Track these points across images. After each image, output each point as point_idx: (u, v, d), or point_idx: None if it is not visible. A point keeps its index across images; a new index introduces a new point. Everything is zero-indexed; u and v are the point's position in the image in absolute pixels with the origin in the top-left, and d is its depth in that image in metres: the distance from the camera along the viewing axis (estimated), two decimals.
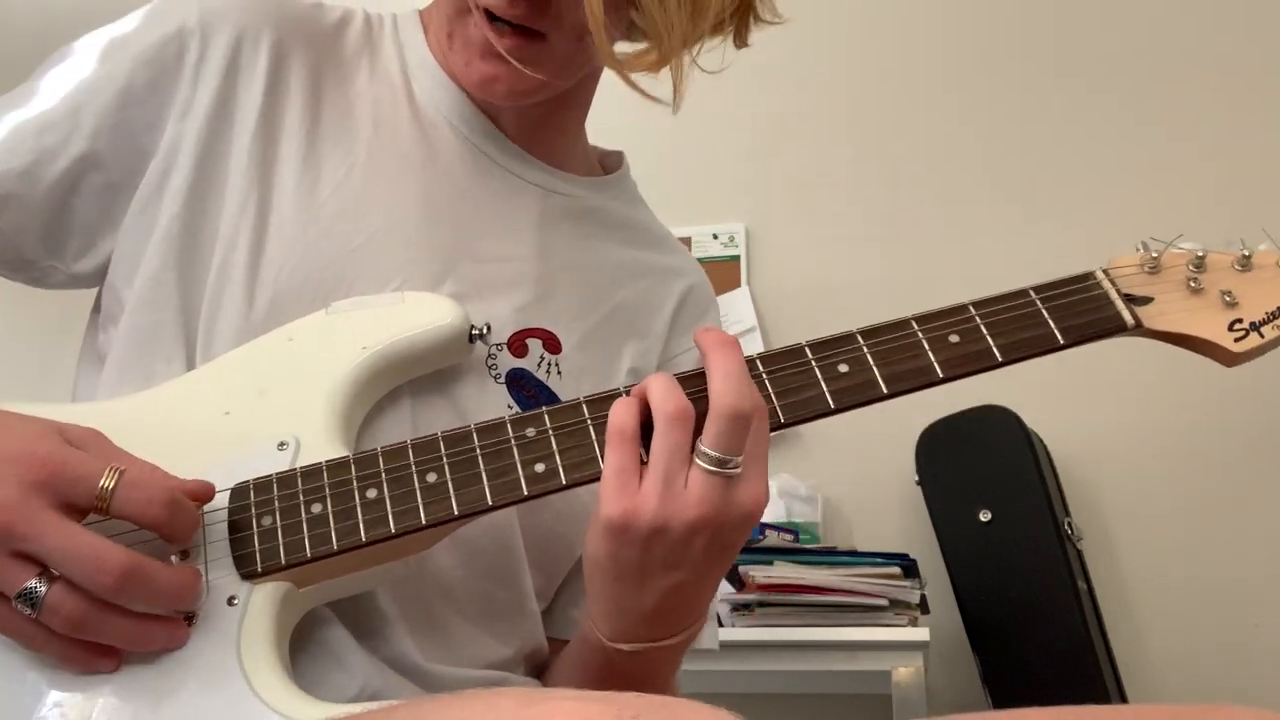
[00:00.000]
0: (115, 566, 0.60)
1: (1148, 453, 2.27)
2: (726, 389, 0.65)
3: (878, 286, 2.41)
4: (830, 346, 0.70)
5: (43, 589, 0.60)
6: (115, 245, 0.80)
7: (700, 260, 2.74)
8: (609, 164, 0.98)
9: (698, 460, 0.65)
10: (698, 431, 0.66)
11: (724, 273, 2.54)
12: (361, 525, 0.67)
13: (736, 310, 2.52)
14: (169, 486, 0.64)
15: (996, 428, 2.13)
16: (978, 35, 2.55)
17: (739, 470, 0.65)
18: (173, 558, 0.66)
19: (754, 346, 2.47)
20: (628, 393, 0.69)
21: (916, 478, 2.20)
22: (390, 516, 0.67)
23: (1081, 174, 2.42)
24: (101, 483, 0.61)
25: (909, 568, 1.98)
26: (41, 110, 0.79)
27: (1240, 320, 0.72)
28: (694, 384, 0.68)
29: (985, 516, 2.06)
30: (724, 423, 0.64)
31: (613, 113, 1.02)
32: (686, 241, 2.55)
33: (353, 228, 0.80)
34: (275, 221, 0.79)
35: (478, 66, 0.79)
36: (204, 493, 0.67)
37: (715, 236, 2.58)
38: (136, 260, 0.78)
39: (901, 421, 2.19)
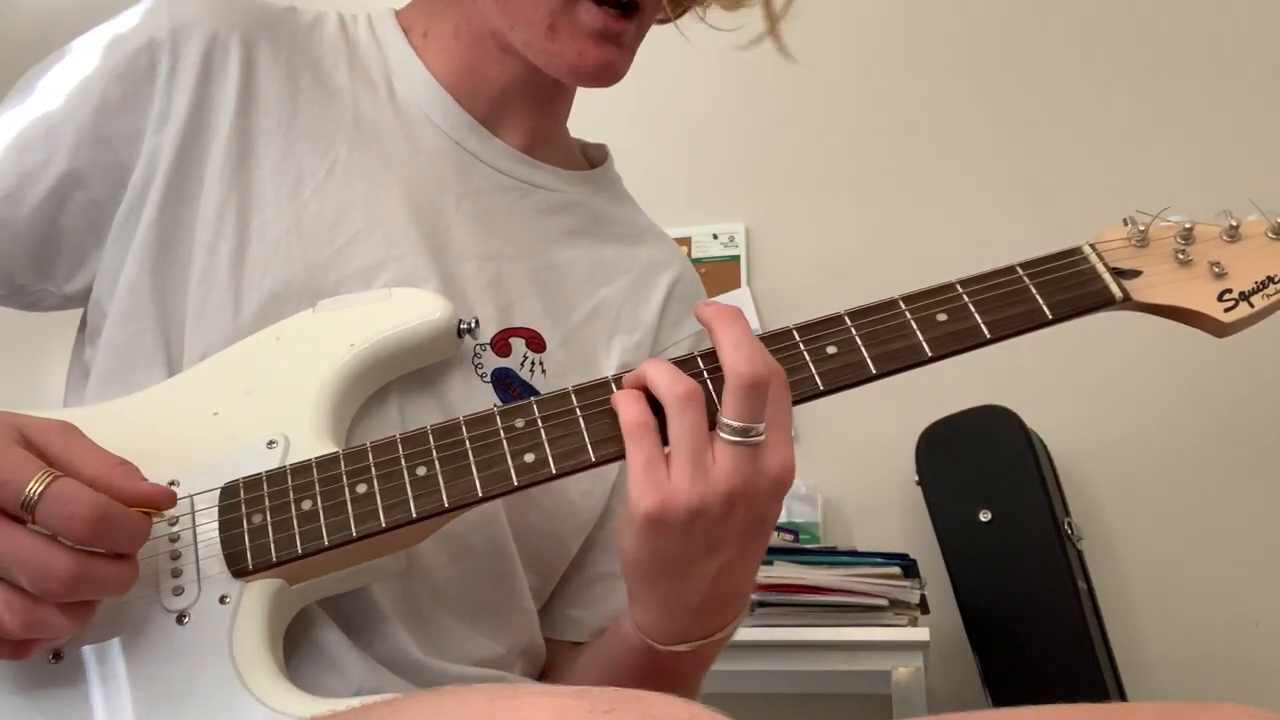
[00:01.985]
0: (63, 571, 0.58)
1: (1148, 452, 2.26)
2: (739, 357, 0.65)
3: (879, 285, 2.39)
4: (818, 329, 0.70)
5: None
6: (100, 260, 0.80)
7: (700, 260, 2.74)
8: (592, 156, 0.98)
9: (720, 434, 0.65)
10: (711, 409, 0.66)
11: (724, 273, 2.54)
12: (352, 520, 0.67)
13: None
14: (94, 502, 0.59)
15: (996, 428, 2.12)
16: (977, 33, 2.55)
17: (763, 438, 0.65)
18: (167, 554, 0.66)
19: None
20: (618, 382, 0.69)
21: (916, 478, 2.20)
22: (381, 511, 0.67)
23: (1090, 172, 2.41)
24: (27, 489, 0.58)
25: (909, 568, 1.98)
26: (20, 131, 0.79)
27: (1230, 290, 0.71)
28: (692, 366, 0.68)
29: (985, 516, 2.06)
30: (742, 391, 0.64)
31: (614, 113, 1.02)
32: (686, 241, 2.55)
33: (335, 227, 0.80)
34: (257, 223, 0.78)
35: (593, 55, 0.79)
36: (163, 499, 0.64)
37: (715, 236, 2.58)
38: (117, 273, 0.78)
39: (901, 421, 2.19)
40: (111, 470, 0.62)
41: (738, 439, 0.65)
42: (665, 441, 0.66)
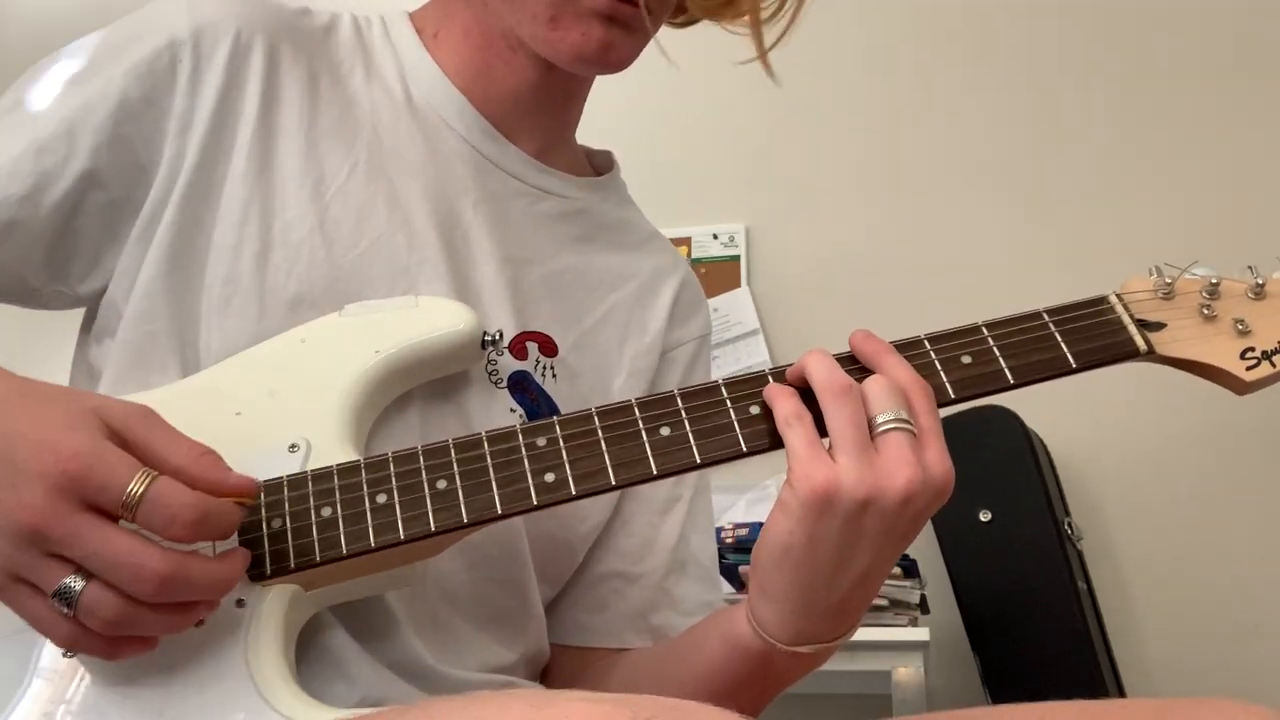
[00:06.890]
0: (154, 573, 0.58)
1: (1148, 453, 2.27)
2: (889, 365, 0.68)
3: (879, 286, 2.41)
4: (843, 365, 0.70)
5: (78, 586, 0.58)
6: (118, 260, 0.79)
7: (700, 260, 2.73)
8: (598, 163, 0.98)
9: (881, 427, 0.65)
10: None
11: (724, 273, 2.54)
12: (371, 530, 0.67)
13: (737, 310, 2.52)
14: (194, 503, 0.59)
15: (996, 428, 2.13)
16: (980, 36, 2.55)
17: (915, 428, 0.66)
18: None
19: (756, 349, 2.47)
20: (638, 406, 0.69)
21: None
22: (400, 522, 0.67)
23: (1085, 176, 2.42)
24: (129, 490, 0.58)
25: (909, 568, 1.98)
26: (36, 129, 0.77)
27: (1253, 349, 0.70)
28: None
29: (985, 516, 2.06)
30: (882, 388, 0.66)
31: (614, 114, 1.02)
32: (686, 241, 2.55)
33: (358, 229, 0.80)
34: (279, 226, 0.78)
35: (597, 35, 0.79)
36: (250, 490, 0.63)
37: (715, 236, 2.58)
38: (135, 274, 0.78)
39: None
40: (198, 460, 0.61)
41: (893, 426, 0.65)
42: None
